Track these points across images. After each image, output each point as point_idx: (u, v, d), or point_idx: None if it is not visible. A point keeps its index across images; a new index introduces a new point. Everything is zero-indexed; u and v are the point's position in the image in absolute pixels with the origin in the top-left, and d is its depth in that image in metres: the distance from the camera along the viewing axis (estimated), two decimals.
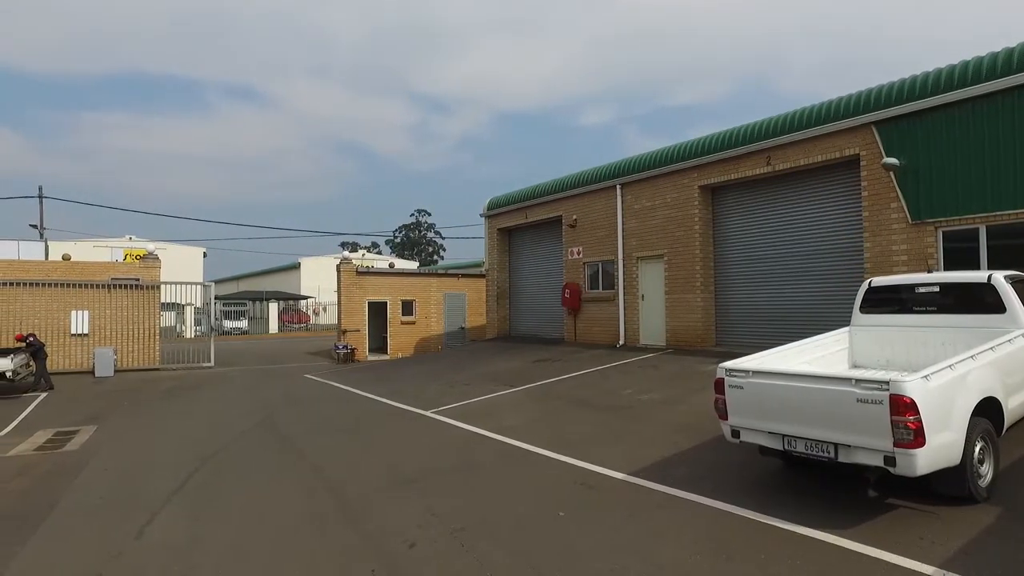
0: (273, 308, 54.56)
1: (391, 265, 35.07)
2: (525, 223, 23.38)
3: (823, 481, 6.88)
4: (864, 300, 8.63)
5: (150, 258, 24.23)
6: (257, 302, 55.38)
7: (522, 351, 19.83)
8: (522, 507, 6.94)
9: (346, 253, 34.95)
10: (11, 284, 21.41)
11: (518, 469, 8.45)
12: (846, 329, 8.64)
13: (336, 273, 27.93)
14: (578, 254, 20.31)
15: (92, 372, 21.04)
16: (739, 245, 16.12)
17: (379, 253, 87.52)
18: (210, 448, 10.63)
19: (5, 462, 10.11)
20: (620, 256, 18.52)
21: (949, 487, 5.94)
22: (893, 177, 12.57)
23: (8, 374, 16.92)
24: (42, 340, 19.15)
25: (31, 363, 18.20)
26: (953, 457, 5.71)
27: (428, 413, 12.55)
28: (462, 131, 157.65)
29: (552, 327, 21.74)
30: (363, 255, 69.82)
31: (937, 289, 8.03)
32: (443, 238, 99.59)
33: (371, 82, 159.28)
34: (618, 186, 18.61)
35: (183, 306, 38.42)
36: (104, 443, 11.36)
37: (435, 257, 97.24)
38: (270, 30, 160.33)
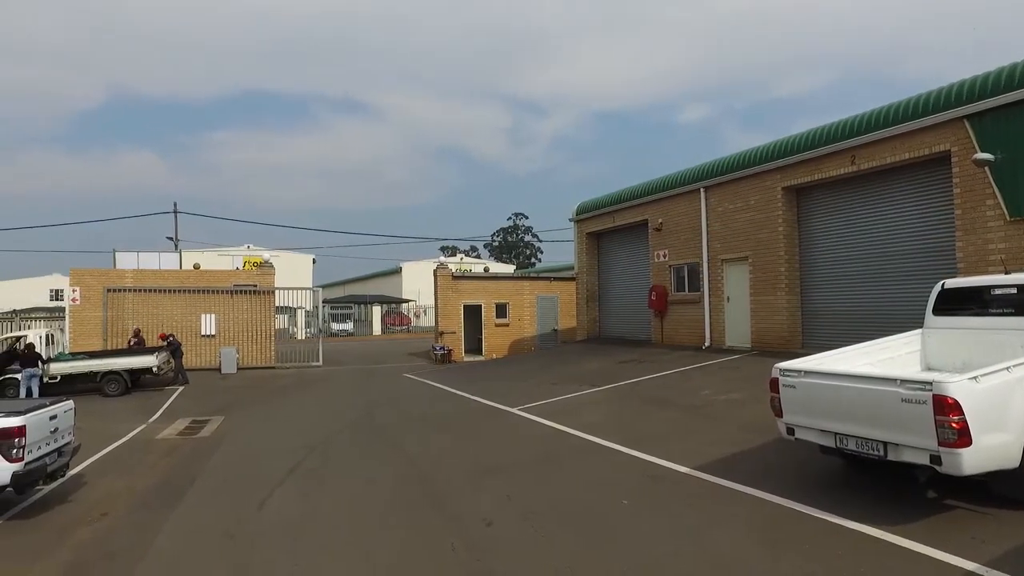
0: (376, 311, 57.37)
1: (486, 269, 36.34)
2: (613, 227, 23.82)
3: (884, 481, 7.04)
4: (937, 302, 8.60)
5: (266, 266, 26.57)
6: (362, 305, 58.47)
7: (609, 352, 20.32)
8: (591, 495, 7.59)
9: (442, 259, 36.51)
10: (153, 291, 24.21)
11: (591, 462, 9.08)
12: (918, 331, 8.65)
13: (433, 278, 29.38)
14: (664, 257, 20.56)
15: (219, 369, 23.39)
16: (825, 246, 15.91)
17: (477, 257, 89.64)
18: (318, 437, 11.94)
19: (157, 443, 11.87)
20: (705, 259, 18.65)
21: (1009, 489, 6.01)
22: (988, 172, 12.15)
23: (153, 369, 19.26)
24: (179, 340, 21.58)
25: (171, 360, 20.55)
26: (1010, 459, 5.80)
27: (514, 410, 13.36)
28: (557, 132, 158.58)
29: (640, 329, 22.06)
30: (461, 259, 72.00)
31: (1015, 291, 7.93)
32: (540, 241, 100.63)
33: (467, 87, 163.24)
34: (702, 189, 18.75)
35: (295, 309, 41.40)
36: (230, 431, 12.94)
37: (532, 260, 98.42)
38: (369, 43, 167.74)
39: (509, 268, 69.53)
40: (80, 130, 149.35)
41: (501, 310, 29.40)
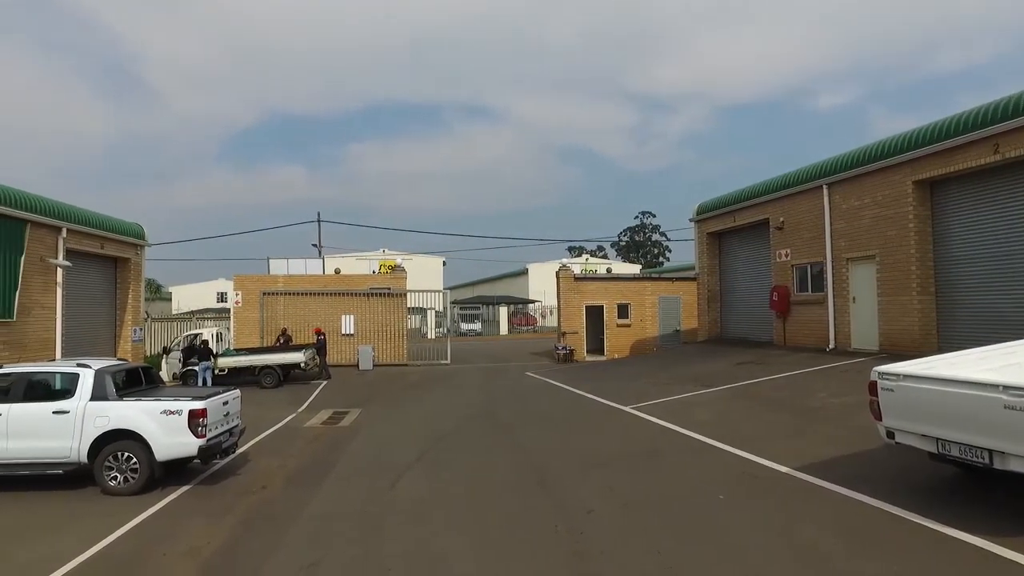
0: (503, 311, 59.19)
1: (608, 271, 36.63)
2: (733, 226, 23.48)
3: (997, 490, 6.90)
4: None
5: (398, 270, 28.58)
6: (489, 306, 60.53)
7: (728, 353, 20.15)
8: (688, 489, 8.01)
9: (564, 261, 37.31)
10: (301, 294, 26.87)
11: (694, 459, 9.44)
12: None
13: (555, 279, 30.19)
14: (786, 256, 20.08)
15: (357, 366, 25.52)
16: (964, 242, 14.96)
17: (604, 256, 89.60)
18: (443, 428, 13.07)
19: (305, 430, 13.49)
20: (828, 258, 18.06)
21: None
22: None
23: (301, 365, 21.49)
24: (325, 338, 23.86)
25: (316, 357, 22.79)
26: None
27: (626, 408, 13.82)
28: (683, 128, 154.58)
29: (761, 330, 21.63)
30: (586, 259, 72.47)
31: None
32: (668, 240, 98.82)
33: (589, 86, 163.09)
34: (824, 186, 18.16)
35: (426, 310, 43.79)
36: (366, 422, 14.39)
37: (660, 259, 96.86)
38: (492, 48, 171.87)
39: (635, 268, 69.08)
40: (240, 149, 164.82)
41: (623, 311, 29.62)
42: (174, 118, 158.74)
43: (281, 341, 24.24)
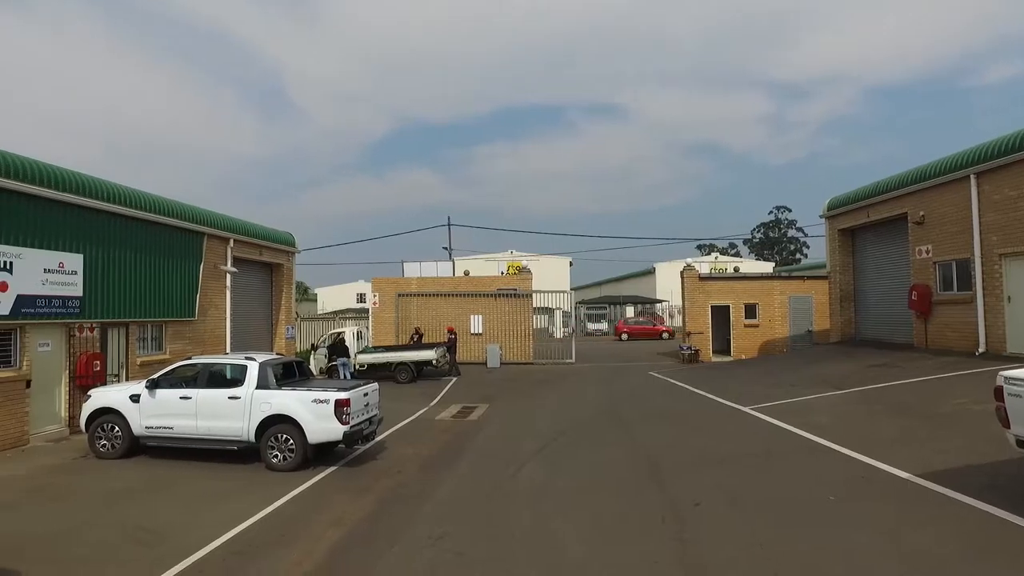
0: (630, 311, 58.88)
1: (736, 270, 35.65)
2: (867, 222, 22.24)
3: None
4: None
5: (524, 272, 29.58)
6: (615, 306, 60.46)
7: (860, 355, 19.24)
8: (798, 489, 8.10)
9: (692, 260, 36.69)
10: (432, 295, 28.56)
11: (808, 460, 9.42)
12: None
13: (680, 279, 29.94)
14: (927, 253, 18.82)
15: (485, 363, 26.74)
16: None
17: (737, 255, 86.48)
18: (564, 423, 13.71)
19: (436, 423, 14.62)
20: (977, 254, 16.75)
21: None
22: None
23: (433, 362, 22.94)
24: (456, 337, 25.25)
25: (447, 355, 24.19)
26: None
27: (746, 408, 13.76)
28: (824, 114, 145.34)
29: (899, 331, 20.37)
30: (716, 258, 70.45)
31: None
32: (805, 235, 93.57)
33: (716, 78, 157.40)
34: (972, 176, 16.85)
35: (552, 310, 44.62)
36: (493, 417, 15.30)
37: (796, 256, 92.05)
38: (614, 45, 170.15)
39: (767, 266, 66.20)
40: (376, 157, 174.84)
41: (750, 311, 28.87)
42: (317, 132, 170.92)
43: (414, 339, 25.93)
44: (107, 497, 8.81)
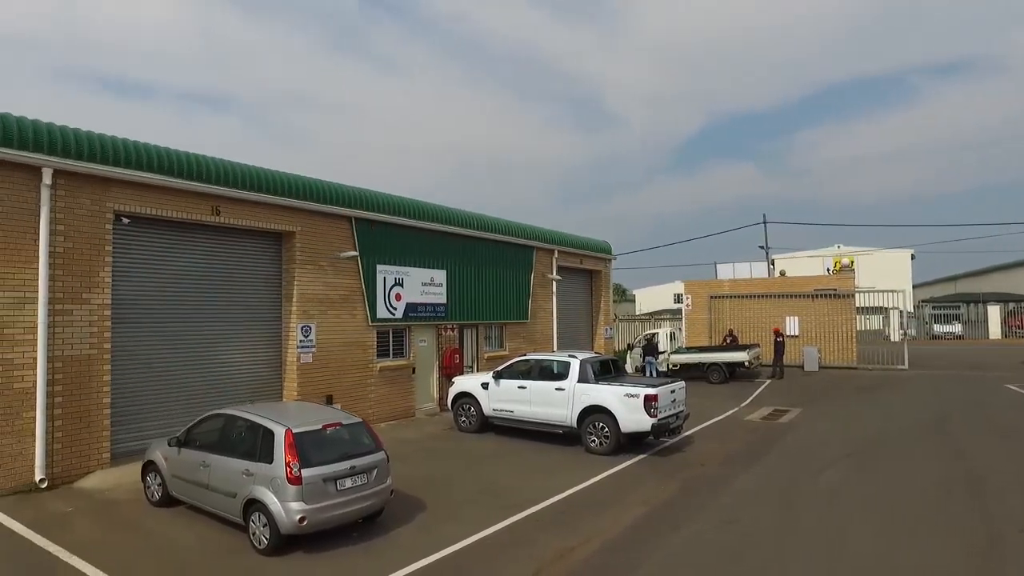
0: (993, 311, 49.64)
1: None
2: None
3: None
4: None
5: (846, 271, 27.70)
6: (973, 304, 51.47)
7: None
8: None
9: None
10: (744, 297, 28.38)
11: None
12: None
13: None
14: None
15: (801, 367, 25.67)
16: None
17: None
18: (881, 432, 13.16)
19: (744, 423, 15.06)
20: None
21: None
22: None
23: (746, 364, 22.97)
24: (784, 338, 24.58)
25: (759, 356, 23.92)
26: None
27: None
28: None
29: None
30: None
31: None
32: None
33: None
34: None
35: (887, 310, 40.08)
36: (804, 420, 15.14)
37: None
38: None
39: None
40: (686, 156, 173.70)
41: None
42: (630, 136, 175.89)
43: (727, 341, 26.10)
44: (467, 460, 11.41)
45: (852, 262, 47.19)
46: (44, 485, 9.22)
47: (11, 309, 9.09)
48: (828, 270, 43.34)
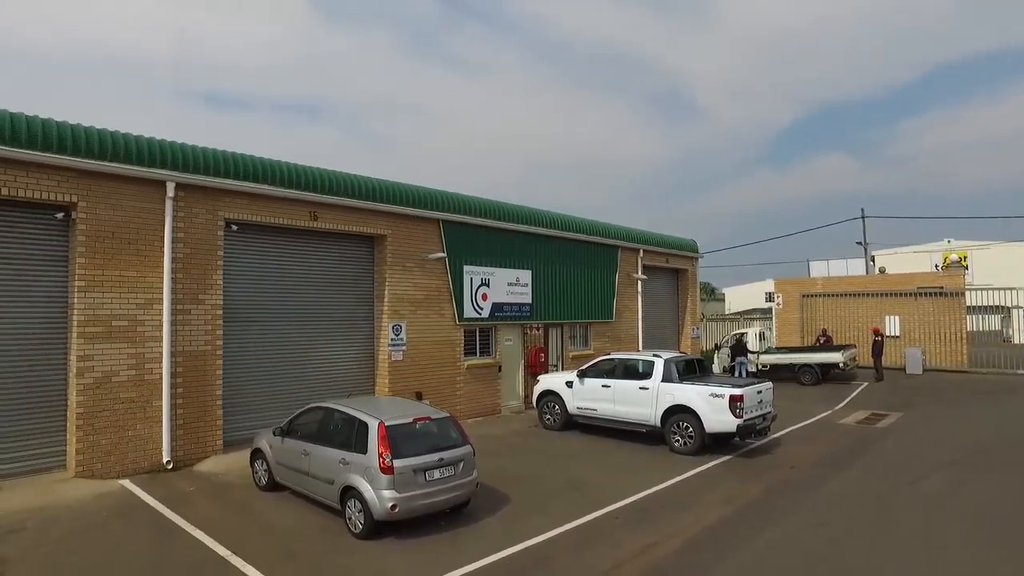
0: None
1: None
2: None
3: None
4: None
5: (954, 268, 25.98)
6: None
7: None
8: None
9: None
10: (839, 295, 27.21)
11: None
12: None
13: None
14: None
15: (903, 369, 24.34)
16: None
17: None
18: (988, 440, 12.47)
19: (837, 426, 14.56)
20: None
21: None
22: None
23: (840, 365, 22.04)
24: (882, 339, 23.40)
25: (856, 358, 22.87)
26: None
27: None
28: None
29: None
30: None
31: None
32: None
33: None
34: None
35: (1009, 309, 37.16)
36: (904, 425, 14.47)
37: None
38: None
39: None
40: (779, 148, 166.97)
41: None
42: (718, 130, 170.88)
43: (821, 341, 25.09)
44: (551, 456, 11.65)
45: (964, 257, 44.14)
46: (170, 467, 10.19)
47: (142, 309, 10.10)
48: (936, 266, 40.68)
